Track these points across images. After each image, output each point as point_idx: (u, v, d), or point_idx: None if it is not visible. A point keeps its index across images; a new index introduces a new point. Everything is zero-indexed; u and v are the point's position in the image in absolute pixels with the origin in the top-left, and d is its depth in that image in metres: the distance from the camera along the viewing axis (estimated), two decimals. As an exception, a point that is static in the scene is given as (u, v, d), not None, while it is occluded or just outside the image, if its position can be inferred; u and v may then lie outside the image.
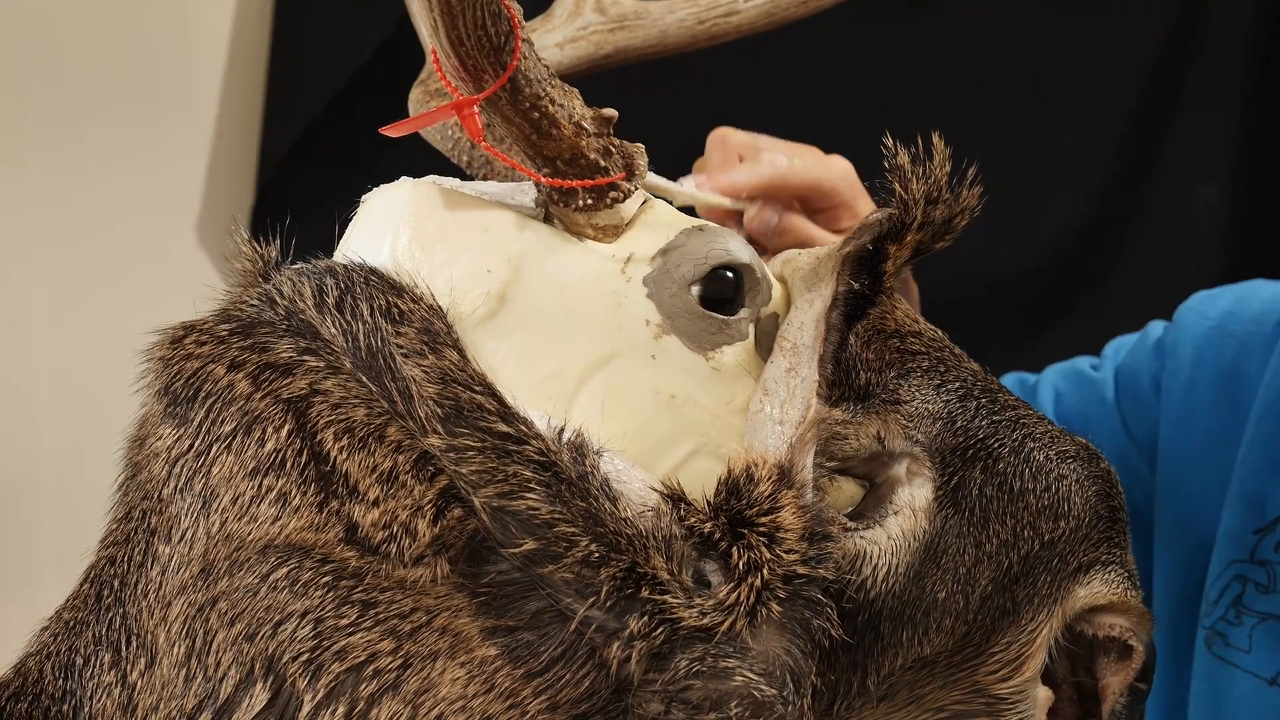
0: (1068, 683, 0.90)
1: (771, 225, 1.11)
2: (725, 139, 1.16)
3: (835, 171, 1.15)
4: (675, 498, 0.76)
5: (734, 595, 0.75)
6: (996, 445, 0.86)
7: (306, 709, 0.73)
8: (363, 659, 0.73)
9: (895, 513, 0.83)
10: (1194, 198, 1.67)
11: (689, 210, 0.96)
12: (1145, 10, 1.70)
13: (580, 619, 0.73)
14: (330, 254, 0.84)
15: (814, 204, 1.14)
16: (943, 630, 0.84)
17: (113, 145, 1.81)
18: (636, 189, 0.82)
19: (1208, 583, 1.21)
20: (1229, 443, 1.21)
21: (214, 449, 0.77)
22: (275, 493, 0.76)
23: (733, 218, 1.12)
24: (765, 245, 1.12)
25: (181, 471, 0.78)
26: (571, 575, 0.73)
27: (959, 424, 0.86)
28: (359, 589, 0.74)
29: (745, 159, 1.14)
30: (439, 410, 0.74)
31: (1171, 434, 1.25)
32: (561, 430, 0.76)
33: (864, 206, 1.15)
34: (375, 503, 0.75)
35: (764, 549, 0.76)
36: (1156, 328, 1.31)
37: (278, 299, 0.80)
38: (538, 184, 0.81)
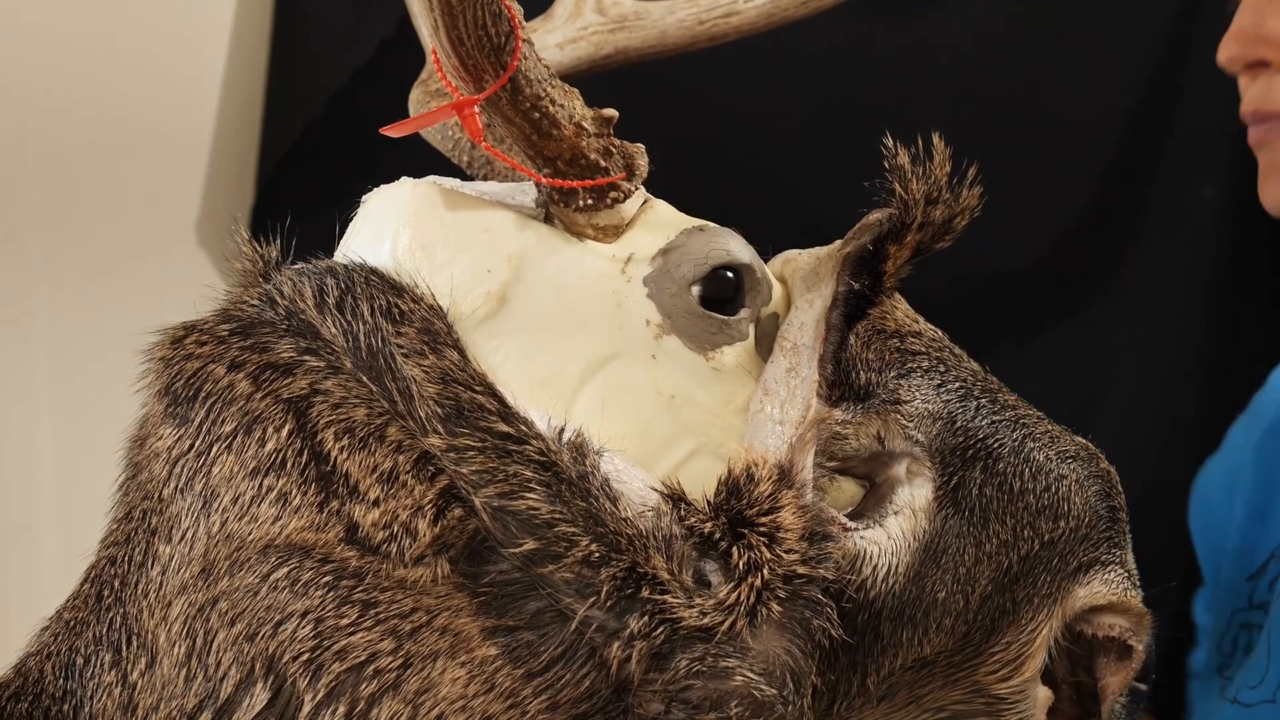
0: (1067, 683, 0.90)
1: None
2: None
3: None
4: (675, 498, 0.76)
5: (734, 595, 0.75)
6: (996, 445, 0.86)
7: (307, 709, 0.73)
8: (363, 659, 0.74)
9: (895, 513, 0.84)
10: (1194, 198, 1.67)
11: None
12: (1145, 9, 1.70)
13: (580, 619, 0.73)
14: (330, 254, 0.84)
15: None
16: (943, 630, 0.84)
17: (112, 144, 1.81)
18: (637, 189, 0.83)
19: (1216, 636, 1.23)
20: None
21: (214, 449, 0.77)
22: (276, 493, 0.76)
23: None
24: None
25: (182, 471, 0.78)
26: (572, 575, 0.73)
27: (959, 424, 0.86)
28: (359, 589, 0.74)
29: None
30: (439, 410, 0.74)
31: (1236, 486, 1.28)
32: (562, 430, 0.76)
33: None
34: (376, 502, 0.75)
35: (764, 549, 0.76)
36: None
37: (278, 299, 0.80)
38: (538, 184, 0.81)
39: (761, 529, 0.76)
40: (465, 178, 0.93)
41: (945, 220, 0.85)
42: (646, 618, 0.73)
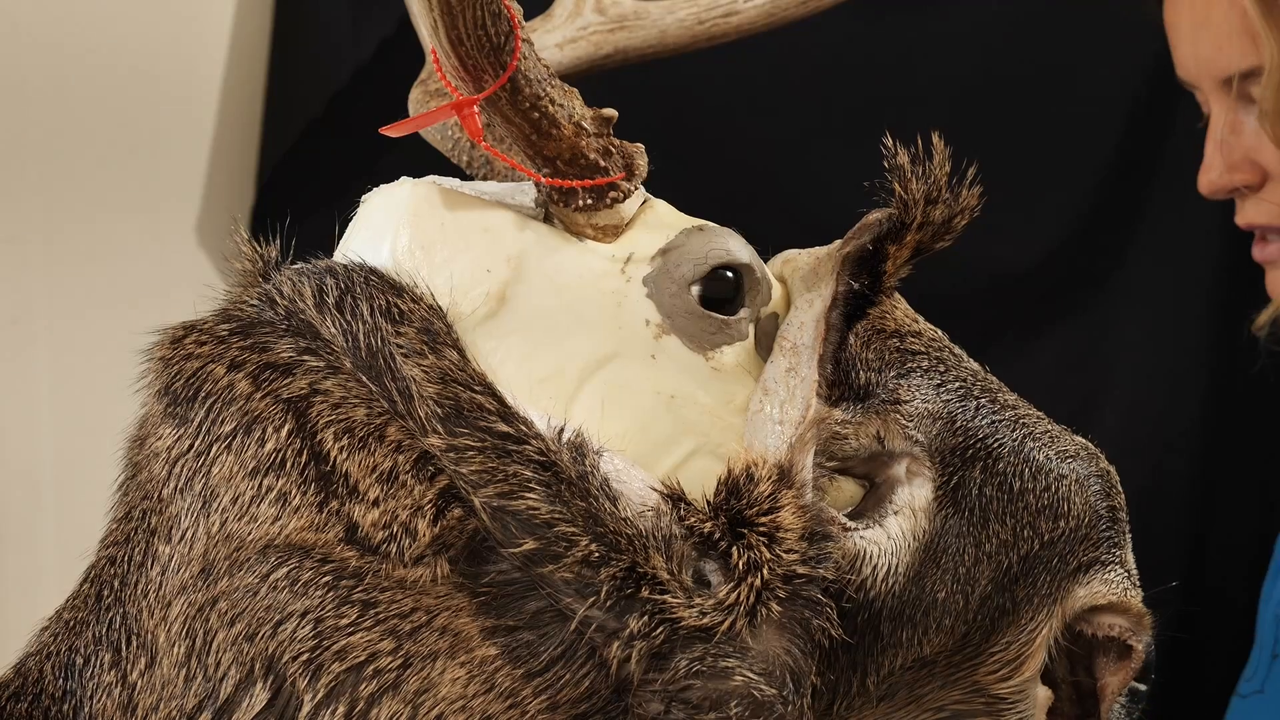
0: (1066, 682, 0.90)
1: None
2: None
3: None
4: (675, 497, 0.76)
5: (734, 595, 0.75)
6: (996, 445, 0.86)
7: (306, 709, 0.73)
8: (363, 659, 0.74)
9: (895, 512, 0.84)
10: (1194, 198, 1.67)
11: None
12: (1146, 8, 1.70)
13: (580, 619, 0.73)
14: (330, 254, 0.84)
15: None
16: (942, 630, 0.84)
17: (112, 145, 1.81)
18: (636, 189, 0.83)
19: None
20: None
21: (214, 449, 0.77)
22: (275, 493, 0.76)
23: None
24: None
25: (181, 471, 0.78)
26: (571, 575, 0.73)
27: (959, 423, 0.86)
28: (359, 589, 0.74)
29: None
30: (439, 410, 0.74)
31: None
32: (561, 430, 0.76)
33: None
34: (375, 502, 0.75)
35: (764, 549, 0.76)
36: None
37: (278, 299, 0.80)
38: (538, 184, 0.81)
39: (761, 529, 0.76)
40: (465, 177, 0.93)
41: (945, 220, 0.85)
42: (646, 618, 0.73)
